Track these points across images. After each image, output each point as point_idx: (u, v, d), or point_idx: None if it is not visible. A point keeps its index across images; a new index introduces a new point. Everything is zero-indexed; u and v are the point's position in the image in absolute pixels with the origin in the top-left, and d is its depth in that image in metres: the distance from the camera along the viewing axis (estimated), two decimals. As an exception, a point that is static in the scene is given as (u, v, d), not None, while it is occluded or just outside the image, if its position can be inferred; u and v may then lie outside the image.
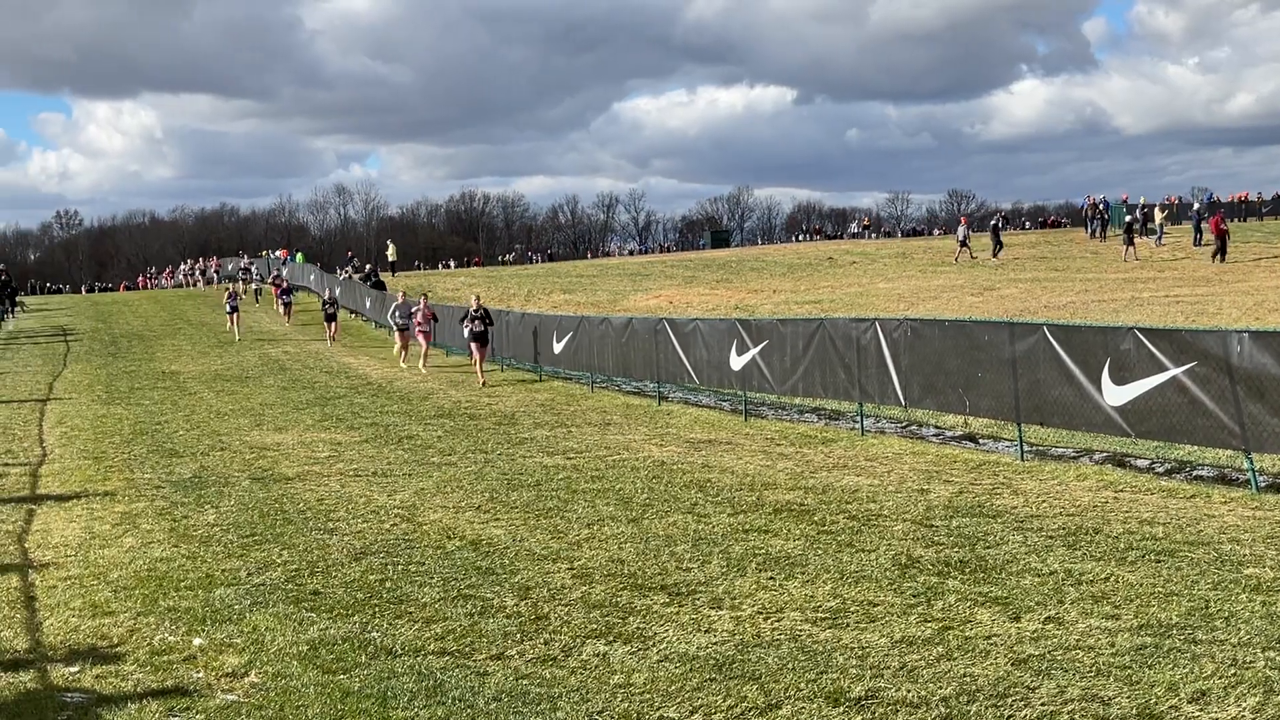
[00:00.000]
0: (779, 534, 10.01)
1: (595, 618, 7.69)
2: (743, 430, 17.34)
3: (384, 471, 14.19)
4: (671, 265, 59.65)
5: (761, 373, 18.59)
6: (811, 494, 11.83)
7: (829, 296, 37.62)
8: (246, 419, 20.08)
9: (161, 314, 49.79)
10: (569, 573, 8.91)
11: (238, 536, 10.65)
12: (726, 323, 20.17)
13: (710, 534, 10.10)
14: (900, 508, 10.95)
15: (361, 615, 7.92)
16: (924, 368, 15.24)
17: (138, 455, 16.21)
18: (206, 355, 33.95)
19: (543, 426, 18.22)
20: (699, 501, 11.63)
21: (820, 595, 8.03)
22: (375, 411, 20.63)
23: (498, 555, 9.58)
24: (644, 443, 16.18)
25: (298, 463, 15.08)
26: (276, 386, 25.46)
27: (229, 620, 7.90)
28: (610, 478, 13.23)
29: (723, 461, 14.27)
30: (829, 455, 14.51)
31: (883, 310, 29.97)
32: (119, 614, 8.17)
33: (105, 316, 49.34)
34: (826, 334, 17.08)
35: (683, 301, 40.53)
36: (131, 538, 10.78)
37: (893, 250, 60.12)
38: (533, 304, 42.29)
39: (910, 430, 16.50)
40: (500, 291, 45.85)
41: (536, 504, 11.77)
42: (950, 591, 7.96)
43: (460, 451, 15.70)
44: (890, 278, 43.60)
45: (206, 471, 14.58)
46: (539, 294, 46.48)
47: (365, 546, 10.06)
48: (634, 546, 9.72)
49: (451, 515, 11.35)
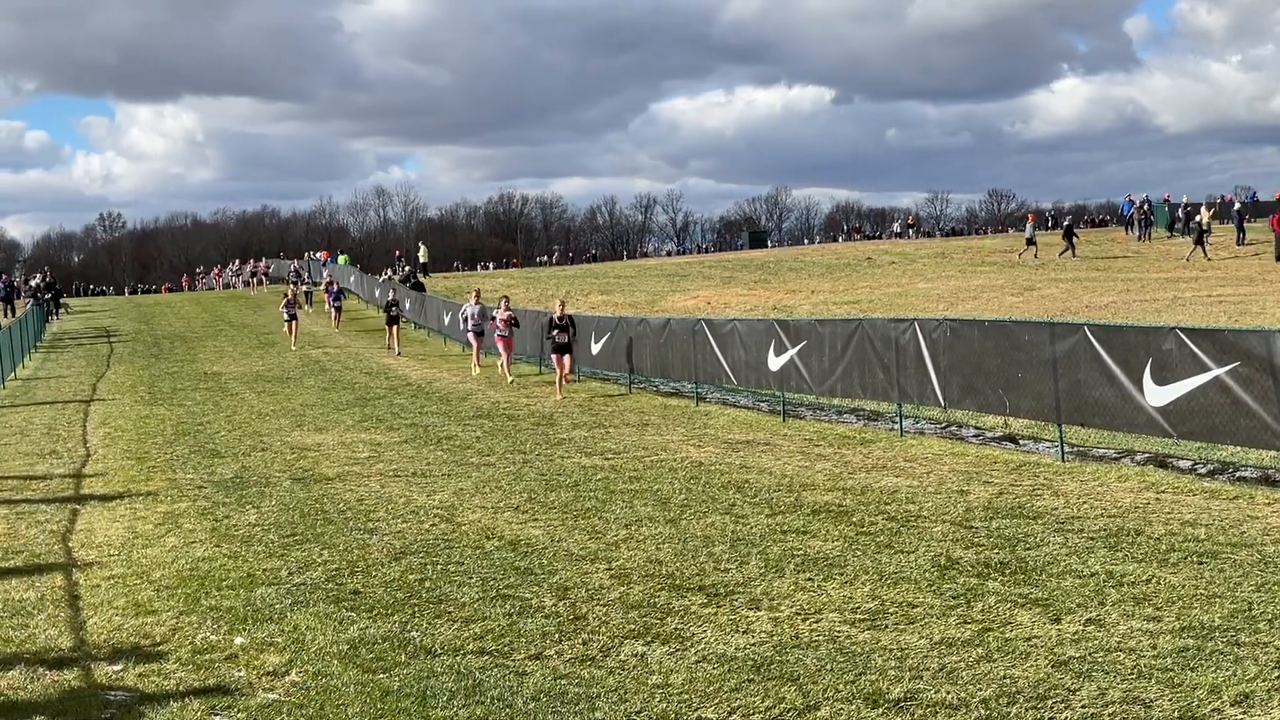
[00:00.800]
0: (817, 535, 9.98)
1: (633, 618, 7.70)
2: (781, 431, 17.30)
3: (423, 472, 14.25)
4: (709, 266, 59.61)
5: (800, 373, 18.54)
6: (850, 495, 11.79)
7: (868, 297, 37.48)
8: (287, 419, 20.22)
9: (203, 315, 50.20)
10: (607, 573, 8.92)
11: (279, 536, 10.73)
12: (764, 323, 20.13)
13: (748, 535, 10.09)
14: (940, 509, 10.89)
15: (401, 615, 7.96)
16: (963, 368, 15.16)
17: (180, 456, 16.36)
18: (248, 356, 34.21)
19: (581, 427, 18.25)
20: (737, 502, 11.61)
21: (859, 596, 8.00)
22: (415, 412, 20.73)
23: (536, 555, 9.60)
24: (682, 443, 16.17)
25: (338, 463, 15.17)
26: (317, 387, 25.62)
27: (270, 619, 7.96)
28: (648, 478, 13.23)
29: (761, 462, 14.25)
30: (868, 456, 14.46)
31: (922, 310, 29.83)
32: (161, 613, 8.25)
33: (148, 318, 49.81)
34: (865, 334, 17.02)
35: (721, 302, 40.49)
36: (174, 537, 10.88)
37: (932, 250, 59.83)
38: (571, 305, 42.32)
39: (950, 431, 16.42)
40: (538, 292, 45.96)
41: (575, 504, 11.79)
42: (990, 593, 7.92)
43: (499, 452, 15.74)
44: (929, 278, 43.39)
45: (248, 472, 14.70)
46: (577, 294, 46.56)
47: (405, 546, 10.11)
48: (672, 547, 9.72)
49: (490, 515, 11.39)
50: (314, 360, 32.35)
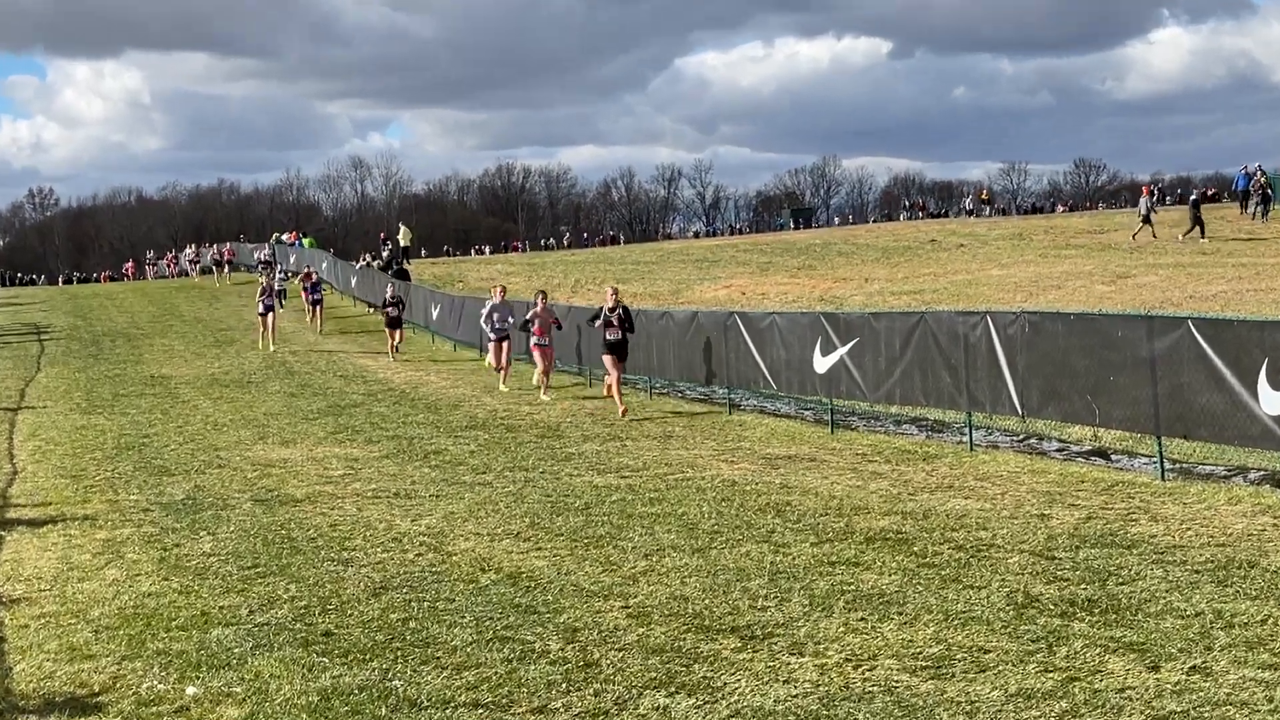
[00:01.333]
0: (872, 567, 9.96)
1: (654, 665, 7.70)
2: (828, 444, 17.27)
3: (407, 492, 14.28)
4: (744, 249, 59.61)
5: (851, 376, 18.52)
6: (910, 520, 11.77)
7: (931, 286, 37.40)
8: (248, 431, 20.29)
9: (150, 309, 50.42)
10: (623, 612, 8.93)
11: (238, 568, 10.76)
12: (809, 316, 20.11)
13: (790, 567, 10.08)
14: (1016, 536, 10.87)
15: (381, 660, 7.98)
16: (1045, 370, 15.11)
17: (122, 473, 16.42)
18: (202, 357, 34.35)
19: (592, 439, 18.26)
20: (777, 528, 11.61)
21: (920, 640, 7.99)
22: (397, 422, 20.78)
23: (540, 591, 9.61)
24: (711, 459, 16.17)
25: (307, 482, 15.21)
26: (283, 393, 25.71)
27: (228, 665, 7.99)
28: (672, 500, 13.23)
29: (805, 481, 14.23)
30: (931, 474, 14.43)
31: (996, 302, 29.75)
32: (100, 658, 8.28)
33: (85, 312, 50.06)
34: (929, 330, 16.99)
35: (757, 292, 40.49)
36: (115, 569, 10.92)
37: (1007, 230, 59.69)
38: (580, 296, 42.40)
39: (1028, 444, 16.36)
40: (543, 281, 46.01)
41: (585, 531, 11.79)
42: (1076, 636, 7.89)
43: (496, 469, 15.77)
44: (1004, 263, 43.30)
45: (202, 492, 14.75)
46: (588, 284, 46.61)
47: (386, 580, 10.13)
48: (700, 581, 9.72)
49: (486, 544, 11.40)
50: (280, 362, 32.46)
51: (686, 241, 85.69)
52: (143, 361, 33.68)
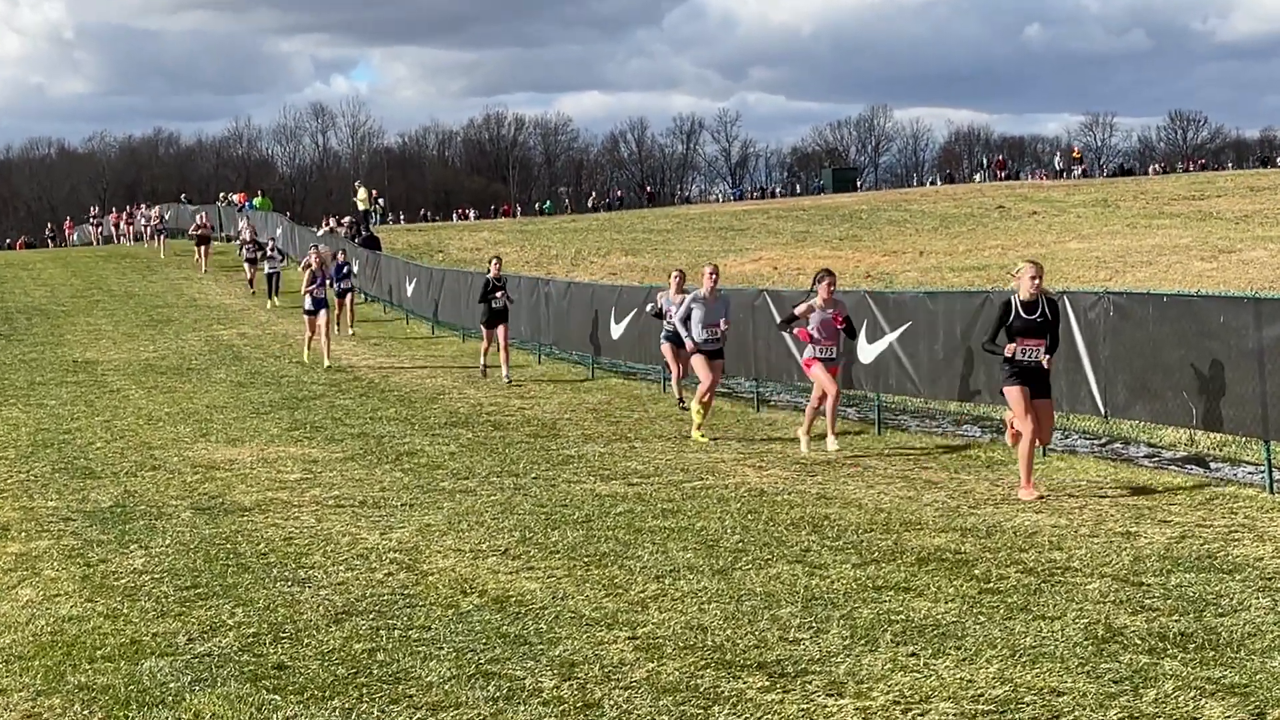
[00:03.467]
0: (924, 593, 9.97)
1: (666, 706, 7.71)
2: (874, 447, 17.26)
3: (375, 501, 14.30)
4: (776, 216, 59.63)
5: (901, 367, 18.51)
6: (971, 537, 11.77)
7: (998, 261, 37.39)
8: (188, 427, 20.32)
9: (73, 281, 50.51)
10: (630, 643, 8.94)
11: (175, 589, 10.77)
12: (853, 296, 20.09)
13: (828, 592, 10.09)
14: (1097, 558, 10.86)
15: (344, 698, 8.00)
16: (1132, 362, 15.09)
17: (39, 475, 16.46)
18: (134, 339, 34.41)
19: (595, 440, 18.27)
20: (812, 547, 11.61)
21: (982, 679, 7.99)
22: (364, 417, 20.80)
23: (531, 618, 9.62)
24: (735, 464, 16.17)
25: (258, 487, 15.23)
26: (229, 382, 25.75)
27: (162, 703, 8.00)
28: (688, 512, 13.24)
29: (846, 491, 14.23)
30: (996, 484, 14.42)
31: (1075, 281, 29.75)
32: (12, 693, 8.29)
33: (-3, 284, 50.14)
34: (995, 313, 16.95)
35: (792, 266, 40.51)
36: (29, 588, 10.94)
37: (1089, 195, 59.65)
38: (582, 270, 42.46)
39: (1112, 449, 16.34)
40: (538, 252, 46.13)
41: (586, 548, 11.80)
42: (1167, 676, 7.89)
43: (481, 474, 15.78)
44: (1085, 234, 43.27)
45: (133, 499, 14.77)
46: (591, 256, 46.67)
47: (349, 604, 10.14)
48: (721, 608, 9.72)
49: (468, 562, 11.41)
50: (224, 344, 32.52)
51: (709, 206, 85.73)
52: (64, 344, 33.74)
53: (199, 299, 43.76)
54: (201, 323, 37.40)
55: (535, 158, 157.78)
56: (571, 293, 28.57)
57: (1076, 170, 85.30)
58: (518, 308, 28.37)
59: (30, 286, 49.00)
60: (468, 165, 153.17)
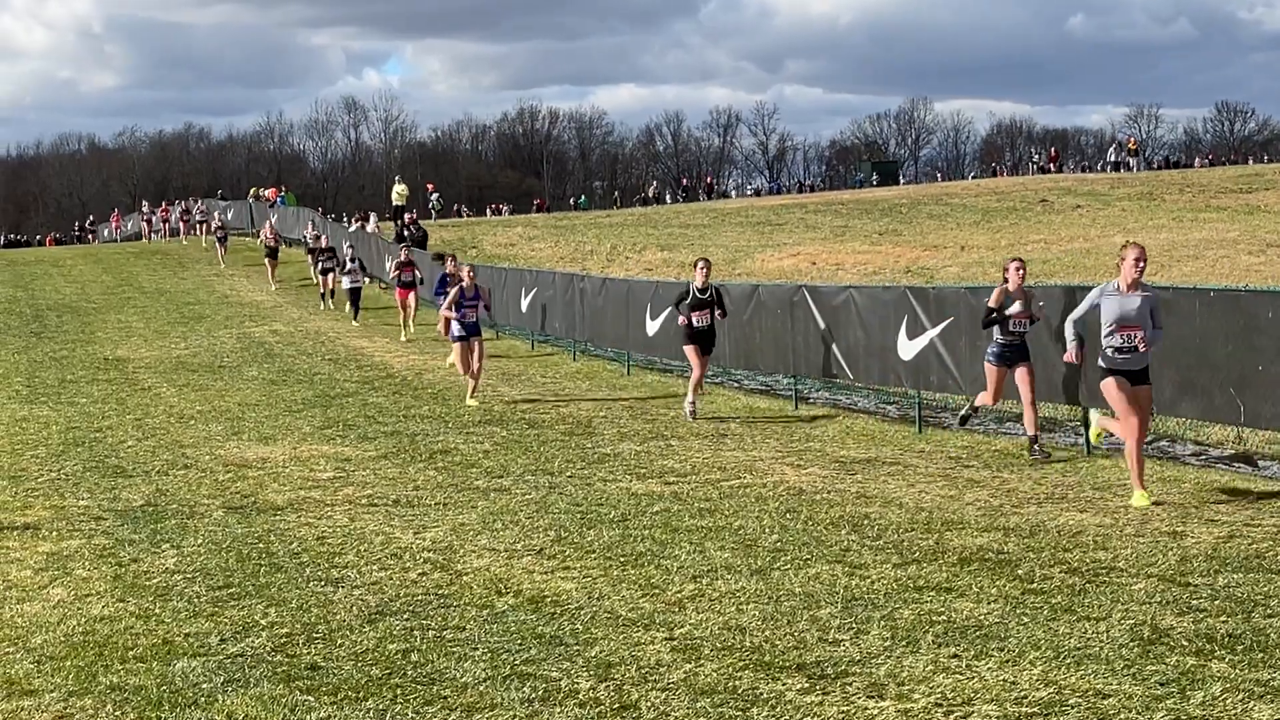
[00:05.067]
0: (967, 594, 9.95)
1: (704, 708, 7.71)
2: (915, 445, 17.23)
3: (410, 500, 14.33)
4: (815, 211, 59.54)
5: (943, 364, 18.47)
6: (1014, 537, 11.74)
7: (1041, 255, 37.27)
8: (220, 425, 20.39)
9: (104, 278, 50.73)
10: (667, 644, 8.94)
11: (207, 588, 10.82)
12: (893, 291, 20.05)
13: (868, 592, 10.07)
14: (1142, 558, 10.82)
15: (378, 699, 8.02)
16: (1179, 358, 15.03)
17: (70, 474, 16.53)
18: (165, 336, 34.55)
19: (631, 438, 18.28)
20: (852, 546, 11.59)
21: (1025, 681, 7.97)
22: (398, 415, 20.84)
23: (567, 619, 9.63)
24: (774, 462, 16.16)
25: (290, 486, 15.28)
26: (261, 380, 25.83)
27: (194, 704, 8.03)
28: (726, 511, 13.24)
29: (887, 490, 14.21)
30: (1039, 482, 14.38)
31: (1119, 275, 29.58)
32: (43, 694, 8.34)
33: (25, 281, 50.40)
34: (1037, 308, 16.90)
35: (830, 262, 40.46)
36: (61, 588, 11.00)
37: (1133, 189, 59.41)
38: (618, 266, 42.47)
39: (1158, 447, 16.28)
40: (573, 248, 46.15)
41: (622, 547, 11.81)
42: (1214, 678, 7.86)
43: (515, 472, 15.80)
44: (1129, 228, 43.10)
45: (165, 498, 14.83)
46: (627, 251, 46.67)
47: (383, 604, 10.17)
48: (759, 609, 9.72)
49: (503, 562, 11.43)
50: (256, 341, 32.61)
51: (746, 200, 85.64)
52: (95, 341, 33.90)
53: (230, 296, 43.90)
54: (233, 320, 37.53)
55: (570, 152, 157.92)
56: (607, 289, 28.57)
57: (1133, 163, 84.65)
58: (552, 304, 28.34)
59: (61, 284, 49.23)
60: (501, 160, 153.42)
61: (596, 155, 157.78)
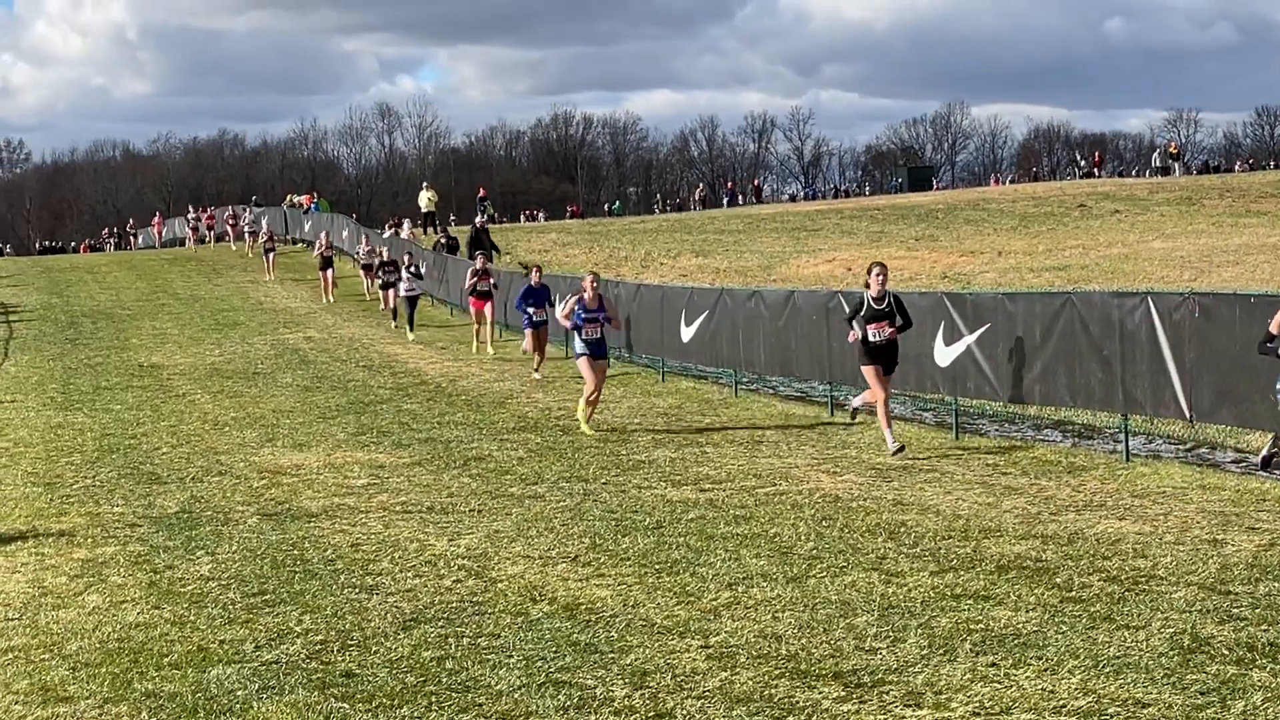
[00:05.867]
0: (1005, 601, 9.92)
1: (740, 716, 7.70)
2: (952, 452, 17.19)
3: (444, 507, 14.36)
4: (850, 216, 59.48)
5: (980, 369, 18.42)
6: (1052, 545, 11.71)
7: (1079, 261, 37.18)
8: (254, 431, 20.46)
9: (138, 284, 50.95)
10: (702, 652, 8.94)
11: (241, 595, 10.86)
12: (930, 298, 20.02)
13: (905, 600, 10.06)
14: (1182, 566, 10.78)
15: (412, 707, 8.03)
16: (1219, 364, 14.97)
17: (105, 481, 16.61)
18: (200, 343, 34.68)
19: (666, 445, 18.28)
20: (888, 554, 11.58)
21: (1064, 690, 7.95)
22: (432, 422, 20.88)
23: (602, 626, 9.64)
24: (809, 469, 16.14)
25: (325, 493, 15.33)
26: (295, 386, 25.90)
27: (229, 711, 8.07)
28: (761, 518, 13.23)
29: (923, 497, 14.18)
30: (1078, 489, 14.34)
31: (1158, 281, 29.55)
32: (79, 700, 8.38)
33: (60, 288, 50.66)
34: (1075, 314, 16.86)
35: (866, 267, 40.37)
36: (96, 595, 11.05)
37: (1172, 194, 59.19)
38: (652, 271, 42.48)
39: (1197, 454, 16.21)
40: (607, 254, 46.17)
41: (656, 554, 11.81)
42: (1255, 687, 7.83)
43: (550, 479, 15.82)
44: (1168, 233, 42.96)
45: (199, 504, 14.90)
46: (661, 257, 46.67)
47: (418, 611, 10.19)
48: (795, 616, 9.71)
49: (538, 569, 11.44)
50: (290, 348, 32.71)
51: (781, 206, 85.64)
52: (129, 348, 34.05)
53: (265, 302, 44.03)
54: (267, 326, 37.65)
55: (604, 158, 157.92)
56: (641, 294, 28.56)
57: (1177, 168, 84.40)
58: None
59: (96, 290, 49.47)
60: (535, 165, 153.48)
61: (631, 161, 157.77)
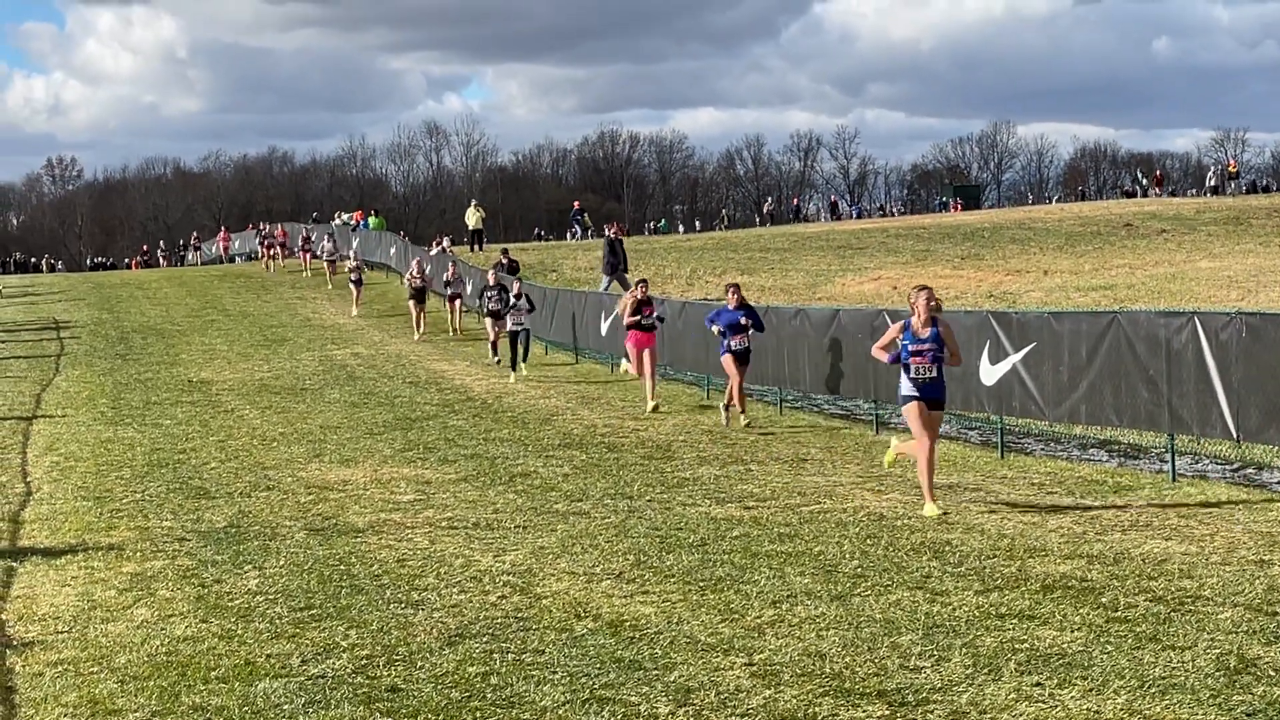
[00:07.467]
0: (1050, 621, 9.88)
1: (783, 735, 7.69)
2: (997, 471, 17.14)
3: (489, 523, 14.38)
4: (896, 235, 59.37)
5: (1025, 388, 18.36)
6: (1098, 565, 11.66)
7: (1125, 280, 37.02)
8: (302, 447, 20.54)
9: (188, 300, 51.23)
10: (746, 670, 8.93)
11: (289, 610, 10.90)
12: (976, 316, 19.97)
13: (950, 619, 10.03)
14: (1229, 587, 10.72)
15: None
16: (1266, 384, 14.89)
17: (154, 495, 16.70)
18: (249, 358, 34.84)
19: (710, 462, 18.27)
20: (933, 572, 11.55)
21: (1110, 710, 7.91)
22: (478, 438, 20.92)
23: (646, 643, 9.64)
24: (854, 487, 16.11)
25: (371, 509, 15.37)
26: (343, 403, 26.00)
27: (275, 725, 8.09)
28: (806, 536, 13.21)
29: (968, 516, 14.14)
30: (1124, 510, 14.27)
31: (1206, 301, 29.39)
32: (127, 713, 8.43)
33: (111, 304, 50.97)
34: (1122, 333, 16.80)
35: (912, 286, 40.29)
36: (145, 609, 11.11)
37: (1220, 214, 58.89)
38: (697, 289, 42.47)
39: (1244, 475, 16.12)
40: (652, 271, 46.17)
41: (701, 572, 11.80)
42: (1302, 710, 7.78)
43: (595, 496, 15.83)
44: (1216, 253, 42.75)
45: (247, 519, 14.96)
46: (706, 275, 46.66)
47: (463, 626, 10.21)
48: (839, 635, 9.69)
49: (582, 585, 11.45)
50: (338, 364, 32.83)
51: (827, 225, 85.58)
52: (179, 363, 34.24)
53: (313, 319, 44.22)
54: (315, 342, 37.81)
55: (650, 176, 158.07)
56: (686, 312, 28.57)
57: (1232, 186, 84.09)
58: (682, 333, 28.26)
59: (145, 306, 49.77)
60: (582, 183, 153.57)
61: (677, 179, 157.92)
